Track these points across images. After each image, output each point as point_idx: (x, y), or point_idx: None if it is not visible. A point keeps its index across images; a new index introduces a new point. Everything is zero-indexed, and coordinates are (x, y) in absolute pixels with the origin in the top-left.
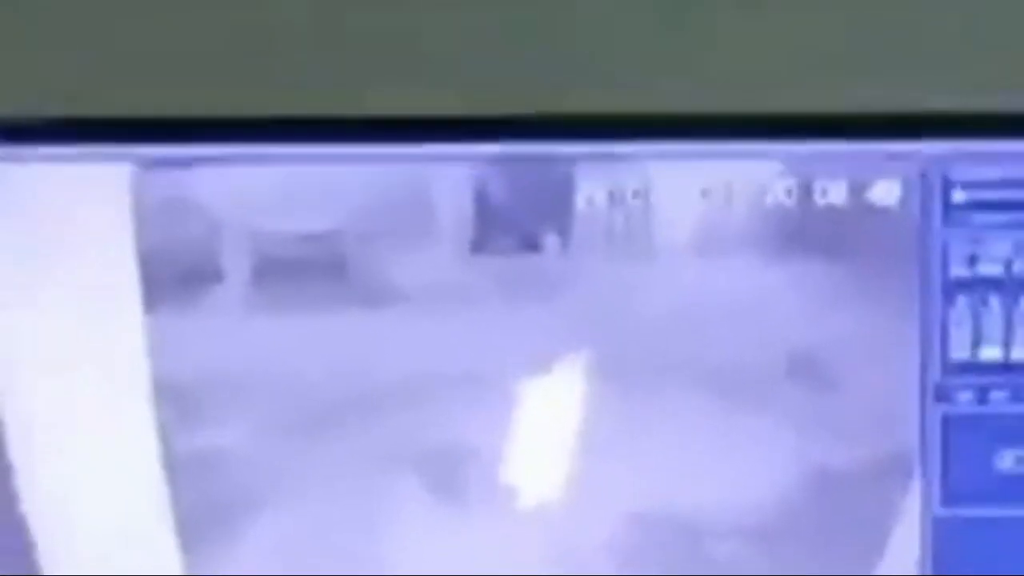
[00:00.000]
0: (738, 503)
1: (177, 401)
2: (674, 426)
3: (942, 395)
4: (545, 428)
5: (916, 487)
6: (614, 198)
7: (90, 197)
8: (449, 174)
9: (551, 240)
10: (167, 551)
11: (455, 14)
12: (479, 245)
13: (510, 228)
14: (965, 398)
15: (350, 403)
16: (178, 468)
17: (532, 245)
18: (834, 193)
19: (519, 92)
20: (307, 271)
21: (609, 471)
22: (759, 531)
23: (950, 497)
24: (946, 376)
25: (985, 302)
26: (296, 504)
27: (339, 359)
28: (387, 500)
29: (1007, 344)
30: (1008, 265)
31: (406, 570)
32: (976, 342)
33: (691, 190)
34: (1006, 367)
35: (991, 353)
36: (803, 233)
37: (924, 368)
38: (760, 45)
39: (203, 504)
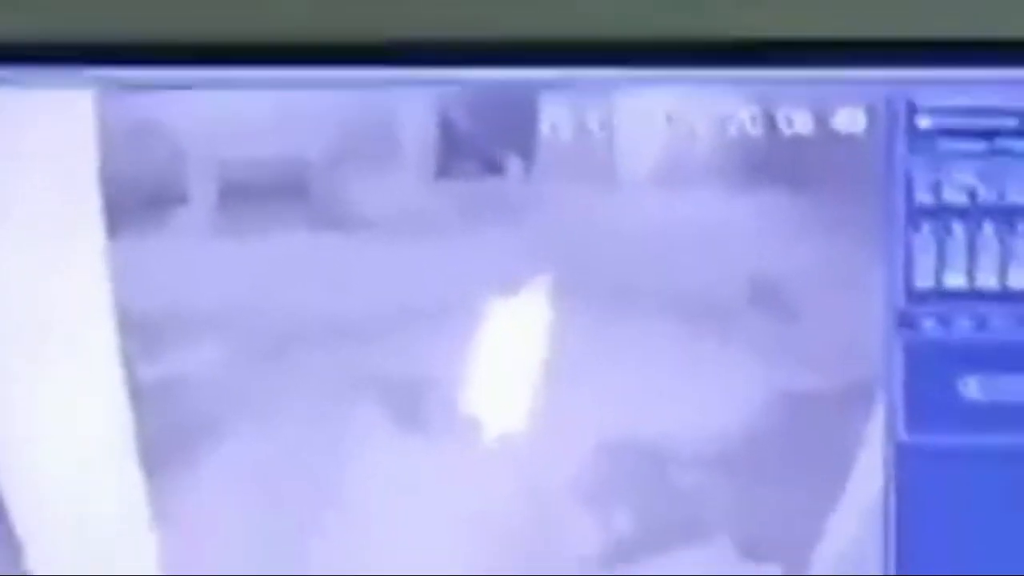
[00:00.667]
0: (703, 431)
1: (141, 326)
2: (639, 353)
3: (906, 322)
4: (509, 355)
5: (880, 413)
6: (578, 124)
7: (53, 120)
8: (413, 99)
9: (515, 165)
10: (131, 476)
11: None
12: (443, 170)
13: (474, 153)
14: (929, 325)
15: (314, 329)
16: (142, 393)
17: (496, 170)
18: (799, 122)
19: (482, 16)
20: (271, 196)
21: (574, 398)
22: (724, 459)
23: (914, 424)
24: (910, 303)
25: (949, 230)
26: (260, 430)
27: (304, 285)
28: (351, 427)
29: (971, 272)
30: (973, 193)
31: (370, 498)
32: (940, 269)
33: (655, 117)
34: (970, 294)
35: (955, 281)
36: (768, 162)
37: (888, 295)
38: None
39: (167, 430)
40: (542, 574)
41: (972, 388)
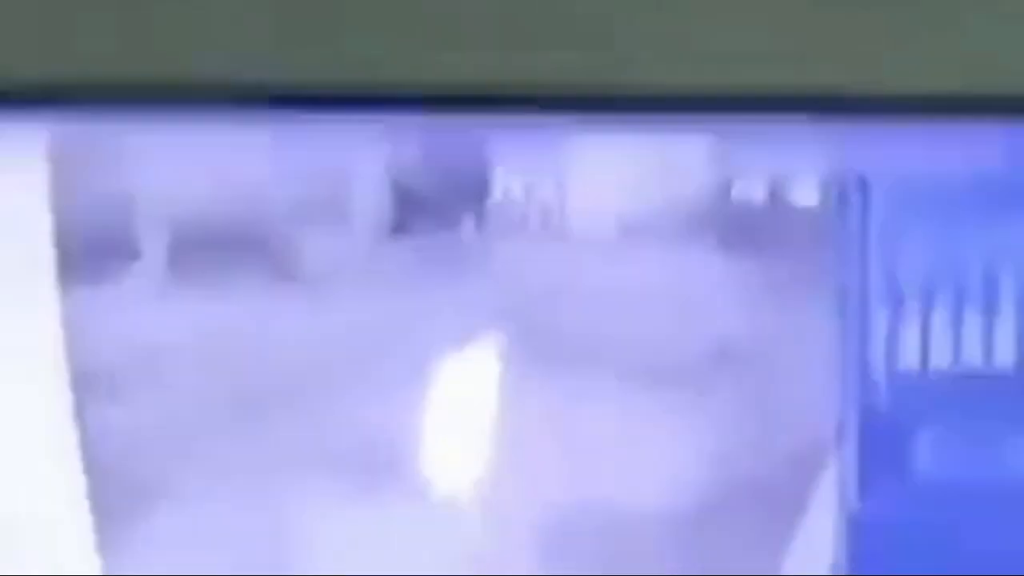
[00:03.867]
0: (656, 494)
1: (92, 381)
2: (591, 412)
3: (860, 393)
4: (463, 413)
5: (832, 480)
6: (531, 180)
7: (5, 170)
8: (366, 152)
9: (469, 221)
10: (80, 533)
11: None
12: (397, 225)
13: (429, 209)
14: (884, 396)
15: (266, 386)
16: (92, 448)
17: (450, 225)
18: (754, 189)
19: (439, 64)
20: (224, 251)
21: (528, 458)
22: (676, 523)
23: (866, 493)
24: (865, 374)
25: (904, 303)
26: (211, 489)
27: (256, 342)
28: (305, 484)
29: (925, 346)
30: (927, 266)
31: (320, 556)
32: (895, 342)
33: (612, 172)
34: (925, 368)
35: (910, 354)
36: (722, 224)
37: (842, 367)
38: (681, 22)
39: (117, 486)
40: None
41: (925, 459)
